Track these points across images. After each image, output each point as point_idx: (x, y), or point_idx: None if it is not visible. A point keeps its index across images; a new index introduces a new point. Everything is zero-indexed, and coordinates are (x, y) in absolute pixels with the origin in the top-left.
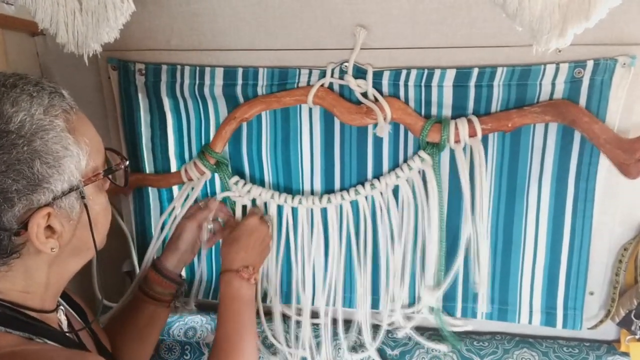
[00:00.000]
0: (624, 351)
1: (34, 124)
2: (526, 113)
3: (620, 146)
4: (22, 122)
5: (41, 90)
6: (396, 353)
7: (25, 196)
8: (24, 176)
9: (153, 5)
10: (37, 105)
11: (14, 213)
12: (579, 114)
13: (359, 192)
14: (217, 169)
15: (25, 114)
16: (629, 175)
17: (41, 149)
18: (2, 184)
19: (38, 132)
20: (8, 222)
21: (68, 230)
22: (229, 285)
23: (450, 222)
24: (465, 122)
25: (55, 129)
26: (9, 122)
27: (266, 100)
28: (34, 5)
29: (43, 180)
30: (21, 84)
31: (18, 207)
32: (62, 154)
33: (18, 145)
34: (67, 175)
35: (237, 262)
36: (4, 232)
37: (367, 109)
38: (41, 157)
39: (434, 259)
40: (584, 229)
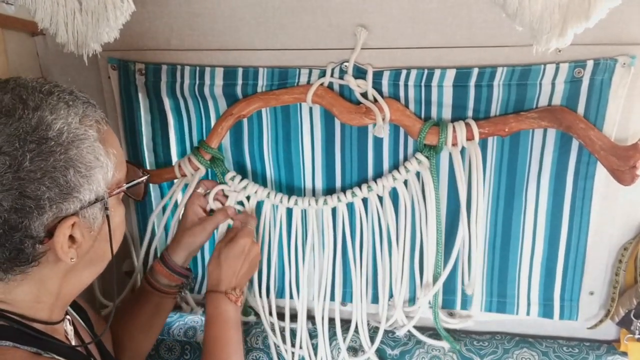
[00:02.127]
0: (624, 351)
1: (71, 133)
2: (523, 118)
3: (614, 153)
4: (60, 130)
5: (76, 100)
6: (396, 353)
7: (56, 204)
8: (57, 184)
9: (153, 5)
10: (73, 115)
11: (43, 221)
12: (575, 120)
13: (355, 194)
14: (212, 164)
15: (63, 122)
16: (623, 182)
17: (76, 158)
18: (36, 190)
19: (75, 141)
20: (36, 229)
21: (88, 240)
22: (217, 308)
23: (449, 223)
24: (462, 126)
25: (89, 138)
26: (49, 129)
27: (264, 97)
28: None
29: (74, 189)
30: (57, 91)
31: (48, 215)
32: (94, 164)
33: (56, 153)
34: (95, 186)
35: (224, 284)
36: (30, 239)
37: (366, 109)
38: (75, 166)
39: (432, 261)
40: (581, 225)
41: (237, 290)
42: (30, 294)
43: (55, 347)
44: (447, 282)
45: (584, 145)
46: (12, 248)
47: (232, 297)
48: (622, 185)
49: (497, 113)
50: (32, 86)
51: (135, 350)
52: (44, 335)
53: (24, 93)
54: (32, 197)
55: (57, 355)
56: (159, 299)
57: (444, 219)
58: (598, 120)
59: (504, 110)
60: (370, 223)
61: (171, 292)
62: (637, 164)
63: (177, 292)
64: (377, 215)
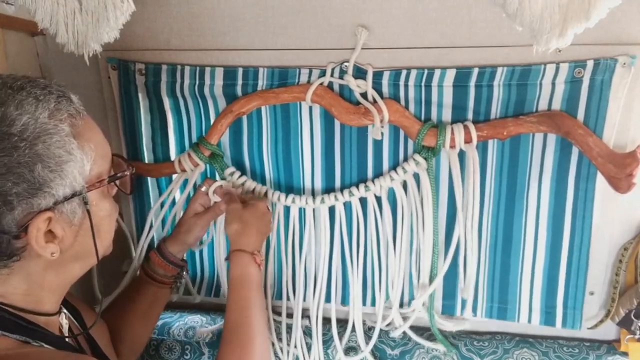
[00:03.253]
0: (624, 351)
1: (37, 128)
2: (522, 122)
3: (612, 160)
4: (25, 125)
5: (48, 94)
6: (396, 353)
7: (26, 200)
8: (24, 179)
9: (153, 5)
10: (42, 109)
11: (14, 216)
12: (574, 126)
13: (352, 193)
14: (211, 161)
15: (29, 117)
16: (620, 190)
17: (43, 153)
18: (2, 186)
19: (41, 135)
20: (7, 225)
21: (69, 235)
22: (244, 269)
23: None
24: (461, 128)
25: (59, 133)
26: (12, 124)
27: (264, 95)
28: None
29: (44, 184)
30: (29, 87)
31: (18, 211)
32: (65, 158)
33: (19, 148)
34: (70, 180)
35: (251, 245)
36: (3, 235)
37: (365, 110)
38: (43, 161)
39: (428, 262)
40: (584, 228)
41: (261, 254)
42: (19, 287)
43: (45, 336)
44: (446, 287)
45: (582, 152)
46: None
47: (258, 259)
48: (618, 192)
49: (497, 113)
50: (2, 82)
51: (133, 341)
52: (34, 326)
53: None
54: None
55: (46, 344)
56: (156, 289)
57: (444, 221)
58: (598, 120)
59: (504, 110)
60: (368, 223)
61: (167, 282)
62: (633, 173)
63: (172, 282)
64: (375, 216)
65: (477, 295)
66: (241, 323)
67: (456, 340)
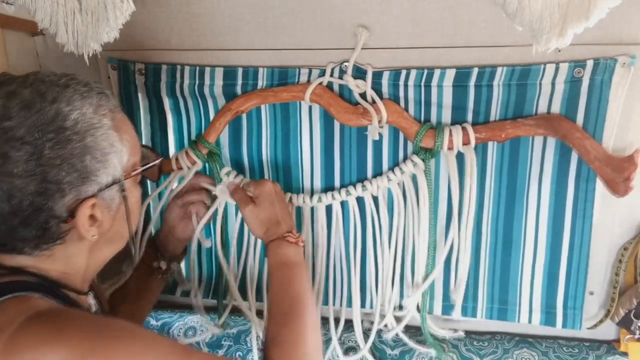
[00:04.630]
0: (624, 351)
1: (86, 122)
2: (520, 125)
3: (609, 164)
4: (76, 120)
5: (90, 91)
6: (396, 353)
7: (76, 187)
8: (75, 169)
9: (153, 5)
10: (88, 105)
11: (64, 202)
12: (571, 129)
13: (350, 193)
14: (208, 159)
15: (78, 112)
16: (617, 193)
17: (91, 145)
18: (57, 175)
19: (89, 129)
20: (59, 210)
21: (107, 219)
22: (276, 254)
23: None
24: (459, 130)
25: (103, 127)
26: (65, 119)
27: (262, 94)
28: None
29: (91, 173)
30: (73, 84)
31: (68, 197)
32: (109, 150)
33: (73, 141)
34: (112, 170)
35: (279, 231)
36: (54, 219)
37: (364, 110)
38: (91, 153)
39: (423, 264)
40: (584, 228)
41: (294, 232)
42: (57, 268)
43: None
44: (445, 288)
45: (579, 155)
46: (39, 227)
47: (292, 239)
48: (616, 196)
49: (496, 113)
50: (49, 80)
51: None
52: (70, 300)
53: (42, 87)
54: (53, 182)
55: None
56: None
57: (443, 222)
58: (598, 120)
59: (504, 110)
60: (365, 223)
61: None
62: (631, 176)
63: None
64: (372, 216)
65: (477, 296)
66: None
67: (456, 340)
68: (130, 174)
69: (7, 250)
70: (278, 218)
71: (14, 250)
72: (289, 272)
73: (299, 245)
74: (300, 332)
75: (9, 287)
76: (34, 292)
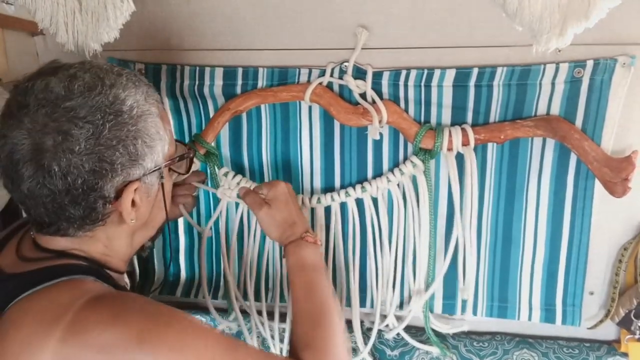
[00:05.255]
0: (624, 351)
1: (139, 108)
2: (519, 126)
3: (607, 165)
4: (131, 105)
5: (140, 81)
6: (395, 354)
7: (126, 169)
8: (128, 152)
9: (153, 5)
10: (140, 93)
11: (114, 183)
12: (570, 130)
13: (349, 194)
14: (206, 159)
15: (133, 99)
16: (615, 194)
17: (143, 130)
18: (112, 155)
19: (142, 115)
20: (108, 190)
21: (145, 205)
22: (295, 255)
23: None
24: (459, 131)
25: (152, 115)
26: (123, 104)
27: (262, 93)
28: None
29: (140, 157)
30: (125, 73)
31: (118, 178)
32: (156, 137)
33: (128, 124)
34: (156, 156)
35: (297, 232)
36: (102, 199)
37: (364, 110)
38: (142, 137)
39: (424, 264)
40: (583, 226)
41: (312, 232)
42: (97, 249)
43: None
44: (446, 287)
45: (578, 156)
46: (87, 206)
47: (310, 239)
48: (614, 196)
49: (496, 113)
50: (105, 68)
51: None
52: (111, 279)
53: (101, 73)
54: (108, 162)
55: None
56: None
57: (443, 222)
58: (598, 120)
59: (504, 110)
60: (364, 224)
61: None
62: (629, 177)
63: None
64: (371, 217)
65: (477, 294)
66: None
67: (456, 340)
68: (169, 163)
69: (50, 231)
70: (294, 218)
71: (58, 231)
72: (313, 275)
73: (317, 244)
74: (331, 335)
75: (62, 269)
76: (86, 275)
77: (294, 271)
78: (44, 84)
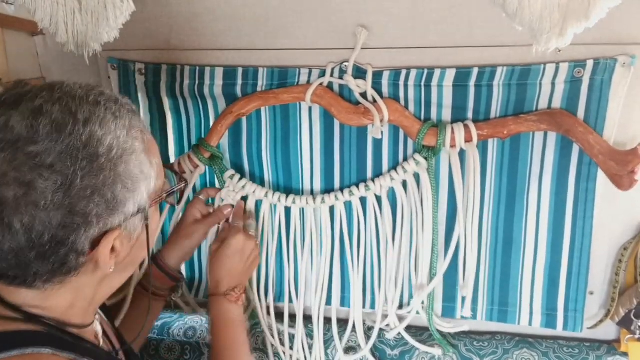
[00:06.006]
0: (624, 351)
1: (120, 147)
2: (522, 121)
3: (613, 158)
4: (110, 145)
5: (121, 109)
6: (396, 353)
7: (103, 219)
8: (105, 200)
9: (153, 5)
10: (121, 127)
11: (88, 235)
12: (574, 124)
13: (353, 193)
14: (211, 163)
15: (112, 137)
16: (621, 187)
17: (123, 173)
18: (85, 207)
19: (123, 155)
20: (81, 244)
21: (126, 249)
22: (218, 310)
23: (448, 225)
24: (461, 127)
25: (135, 152)
26: (99, 145)
27: (264, 96)
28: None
29: (120, 204)
30: (103, 100)
31: (94, 230)
32: (140, 177)
33: (105, 170)
34: (139, 198)
35: (222, 286)
36: (74, 253)
37: (365, 110)
38: (122, 182)
39: (427, 263)
40: (584, 229)
41: (237, 290)
42: (65, 301)
43: (91, 352)
44: (446, 289)
45: (583, 149)
46: (56, 261)
47: (232, 298)
48: (620, 190)
49: (497, 113)
50: (79, 96)
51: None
52: (79, 340)
53: (72, 104)
54: (80, 214)
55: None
56: (150, 301)
57: (444, 220)
58: (598, 120)
59: (504, 110)
60: (368, 223)
61: (161, 295)
62: (635, 169)
63: (167, 295)
64: (375, 215)
65: (477, 298)
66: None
67: (456, 340)
68: (154, 201)
69: (14, 283)
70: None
71: (23, 283)
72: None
73: (238, 304)
74: None
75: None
76: (44, 345)
77: (213, 325)
78: (4, 120)
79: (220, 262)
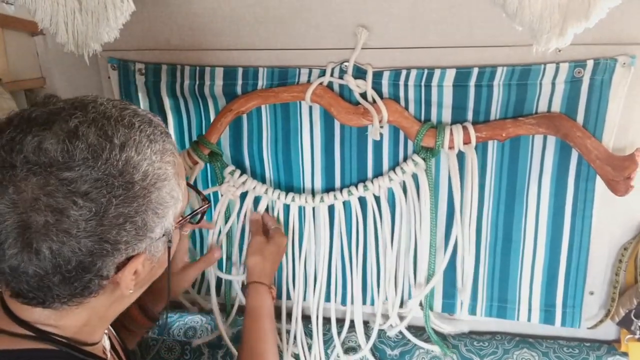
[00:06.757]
0: (624, 351)
1: (155, 174)
2: (521, 124)
3: (610, 163)
4: (145, 172)
5: (155, 131)
6: (396, 353)
7: (131, 246)
8: (136, 227)
9: (153, 5)
10: (155, 151)
11: (115, 261)
12: (572, 128)
13: (352, 192)
14: (210, 160)
15: (148, 162)
16: (617, 193)
17: (155, 200)
18: (117, 235)
19: (156, 182)
20: (107, 269)
21: (147, 270)
22: (261, 300)
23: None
24: (460, 129)
25: (168, 177)
26: (135, 172)
27: (263, 94)
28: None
29: (149, 230)
30: (137, 122)
31: (121, 256)
32: (170, 203)
33: (139, 197)
34: (166, 222)
35: (268, 278)
36: (98, 278)
37: (365, 110)
38: (154, 209)
39: (426, 261)
40: (583, 227)
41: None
42: (80, 320)
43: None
44: (446, 286)
45: (580, 154)
46: (80, 286)
47: (274, 292)
48: (616, 195)
49: (497, 113)
50: (114, 117)
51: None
52: (90, 357)
53: (108, 127)
54: (111, 242)
55: None
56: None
57: (443, 221)
58: (598, 120)
59: (504, 110)
60: (367, 223)
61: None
62: (632, 175)
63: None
64: (373, 215)
65: (476, 294)
66: (258, 353)
67: (456, 340)
68: (179, 222)
69: (31, 303)
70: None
71: (40, 304)
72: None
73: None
74: None
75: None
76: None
77: (253, 314)
78: (37, 142)
79: (269, 257)
